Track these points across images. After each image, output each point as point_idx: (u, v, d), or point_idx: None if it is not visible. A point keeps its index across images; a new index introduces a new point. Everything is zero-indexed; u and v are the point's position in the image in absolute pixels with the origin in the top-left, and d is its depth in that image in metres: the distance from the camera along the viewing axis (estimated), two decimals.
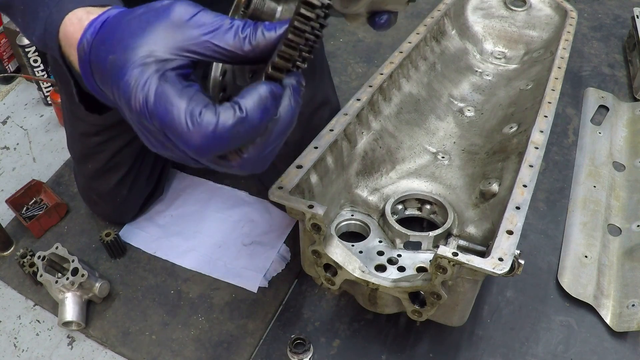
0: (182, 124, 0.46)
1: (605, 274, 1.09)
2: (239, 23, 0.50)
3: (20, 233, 1.22)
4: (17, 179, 1.36)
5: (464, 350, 1.01)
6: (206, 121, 0.46)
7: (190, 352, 1.02)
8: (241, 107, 0.47)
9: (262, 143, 0.50)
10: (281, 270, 1.13)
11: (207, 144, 0.47)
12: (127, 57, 0.48)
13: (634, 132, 1.43)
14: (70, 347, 1.04)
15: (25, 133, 1.50)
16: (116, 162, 1.14)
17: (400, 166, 1.11)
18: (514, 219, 0.80)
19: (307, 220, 0.80)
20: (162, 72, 0.47)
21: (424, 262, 0.94)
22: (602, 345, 1.01)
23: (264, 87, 0.49)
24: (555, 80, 1.13)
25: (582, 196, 1.25)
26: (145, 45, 0.48)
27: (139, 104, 0.47)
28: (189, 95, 0.47)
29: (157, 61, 0.48)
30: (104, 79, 0.51)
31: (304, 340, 0.98)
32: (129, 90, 0.47)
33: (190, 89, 0.48)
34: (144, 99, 0.47)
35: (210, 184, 1.32)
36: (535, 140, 0.96)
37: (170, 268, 1.15)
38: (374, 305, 0.90)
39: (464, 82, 1.37)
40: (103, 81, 0.51)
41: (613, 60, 1.69)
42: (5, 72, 1.63)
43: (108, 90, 0.51)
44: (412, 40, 1.23)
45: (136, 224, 1.23)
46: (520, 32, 1.49)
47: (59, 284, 1.02)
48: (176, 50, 0.49)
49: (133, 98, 0.47)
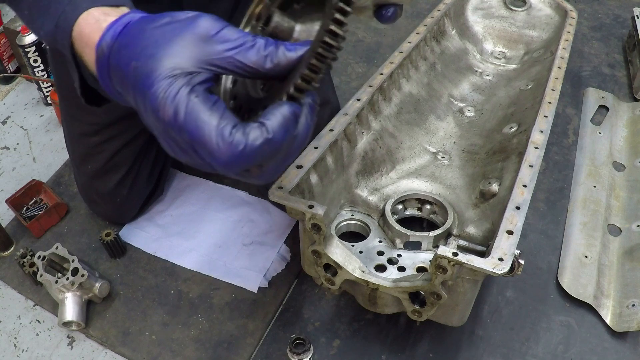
0: (212, 142, 0.48)
1: (605, 274, 1.09)
2: (261, 41, 0.52)
3: (20, 233, 1.22)
4: (17, 179, 1.36)
5: (464, 350, 1.01)
6: (236, 141, 0.48)
7: (190, 352, 1.02)
8: (268, 128, 0.50)
9: (281, 158, 0.53)
10: (281, 270, 1.13)
11: (235, 162, 0.49)
12: (153, 67, 0.49)
13: (634, 132, 1.43)
14: (70, 347, 1.04)
15: (25, 133, 1.50)
16: (116, 162, 1.14)
17: (400, 166, 1.11)
18: (514, 219, 0.80)
19: (307, 220, 0.80)
20: (192, 87, 0.49)
21: (424, 262, 0.94)
22: (602, 345, 1.01)
23: (287, 109, 0.51)
24: (555, 80, 1.13)
25: (582, 196, 1.25)
26: (171, 56, 0.49)
27: (168, 116, 0.48)
28: (219, 113, 0.49)
29: (185, 74, 0.49)
30: (124, 83, 0.51)
31: (304, 340, 0.98)
32: (157, 102, 0.48)
33: (220, 106, 0.50)
34: (174, 112, 0.48)
35: (210, 184, 1.32)
36: (535, 140, 0.96)
37: (170, 268, 1.15)
38: (374, 305, 0.90)
39: (464, 82, 1.37)
40: (123, 85, 0.52)
41: (613, 60, 1.69)
42: (5, 72, 1.63)
43: (129, 95, 0.52)
44: (412, 40, 1.23)
45: (136, 224, 1.23)
46: (520, 32, 1.49)
47: (59, 284, 1.02)
48: (202, 64, 0.50)
49: (162, 109, 0.48)
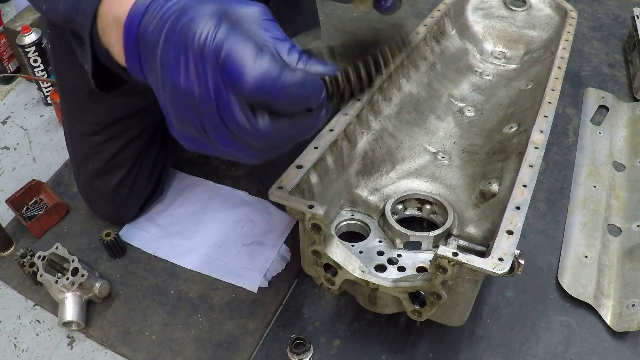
0: (251, 55, 0.47)
1: (605, 274, 1.10)
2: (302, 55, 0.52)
3: (20, 233, 1.22)
4: (17, 179, 1.36)
5: (464, 350, 1.01)
6: (280, 65, 0.48)
7: (190, 352, 1.02)
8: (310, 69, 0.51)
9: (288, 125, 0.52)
10: (281, 270, 1.13)
11: (264, 88, 0.48)
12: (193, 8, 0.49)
13: (634, 132, 1.43)
14: (70, 347, 1.04)
15: (25, 133, 1.50)
16: (116, 162, 1.14)
17: (400, 166, 1.11)
18: (514, 219, 0.80)
19: (307, 220, 0.80)
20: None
21: (424, 262, 0.94)
22: (602, 345, 1.01)
23: (327, 68, 0.52)
24: (555, 80, 1.13)
25: (582, 196, 1.25)
26: None
27: (206, 37, 0.48)
28: (272, 35, 0.50)
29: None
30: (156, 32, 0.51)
31: (304, 340, 0.98)
32: (194, 26, 0.48)
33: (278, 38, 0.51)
34: (214, 33, 0.48)
35: (210, 184, 1.32)
36: (535, 140, 0.96)
37: (170, 268, 1.15)
38: (374, 305, 0.90)
39: (464, 82, 1.37)
40: (155, 34, 0.51)
41: (613, 60, 1.69)
42: (5, 72, 1.63)
43: (157, 50, 0.51)
44: (412, 40, 1.23)
45: (136, 224, 1.23)
46: (520, 32, 1.49)
47: (59, 284, 1.02)
48: None
49: (198, 33, 0.48)
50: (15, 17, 1.60)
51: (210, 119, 0.50)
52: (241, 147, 0.52)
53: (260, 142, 0.52)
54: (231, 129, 0.50)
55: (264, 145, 0.53)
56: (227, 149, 0.52)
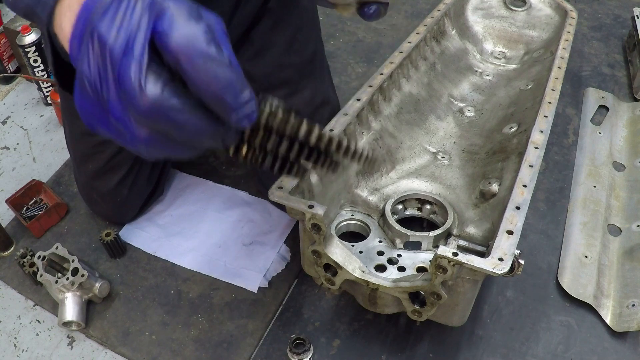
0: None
1: (605, 274, 1.10)
2: None
3: (20, 233, 1.22)
4: (17, 179, 1.36)
5: (464, 350, 1.01)
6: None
7: (190, 352, 1.02)
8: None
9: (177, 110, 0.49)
10: (281, 270, 1.14)
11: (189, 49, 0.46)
12: None
13: (634, 132, 1.43)
14: (70, 347, 1.04)
15: (25, 133, 1.50)
16: (116, 162, 1.14)
17: (400, 166, 1.11)
18: (514, 219, 0.80)
19: (307, 220, 0.80)
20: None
21: (424, 262, 0.94)
22: (602, 345, 1.01)
23: None
24: (555, 80, 1.13)
25: (582, 196, 1.25)
26: None
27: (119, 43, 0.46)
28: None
29: None
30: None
31: (304, 340, 0.98)
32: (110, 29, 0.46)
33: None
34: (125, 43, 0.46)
35: (210, 184, 1.32)
36: (535, 140, 0.96)
37: (170, 268, 1.15)
38: (374, 306, 0.90)
39: (464, 82, 1.37)
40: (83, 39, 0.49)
41: (613, 60, 1.69)
42: (5, 72, 1.63)
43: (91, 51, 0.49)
44: (412, 40, 1.23)
45: (136, 224, 1.23)
46: (520, 32, 1.49)
47: (59, 284, 1.02)
48: None
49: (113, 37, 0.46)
50: (15, 17, 1.60)
51: (112, 70, 0.47)
52: (128, 121, 0.49)
53: (142, 113, 0.49)
54: (123, 90, 0.47)
55: (148, 124, 0.49)
56: (116, 118, 0.49)
